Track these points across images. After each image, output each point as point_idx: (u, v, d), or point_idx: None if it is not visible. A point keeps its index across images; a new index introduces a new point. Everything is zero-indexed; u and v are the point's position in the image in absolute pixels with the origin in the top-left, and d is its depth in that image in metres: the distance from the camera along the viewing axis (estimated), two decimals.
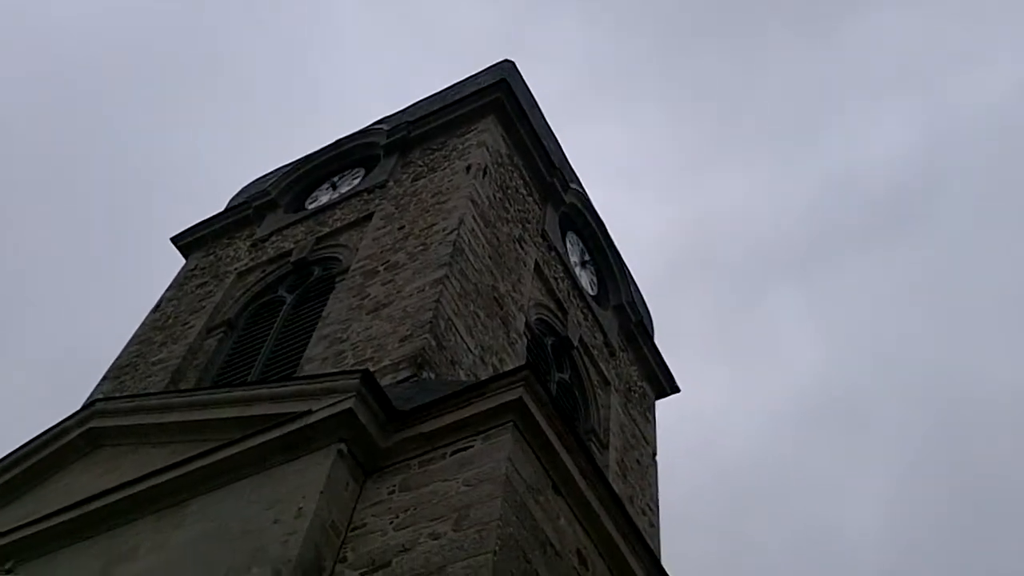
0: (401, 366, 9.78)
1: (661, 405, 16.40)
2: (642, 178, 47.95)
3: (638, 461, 14.30)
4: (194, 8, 49.41)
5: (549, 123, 17.09)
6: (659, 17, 48.04)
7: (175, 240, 16.45)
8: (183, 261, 16.17)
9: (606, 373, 14.56)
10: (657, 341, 16.78)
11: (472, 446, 7.02)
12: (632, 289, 16.70)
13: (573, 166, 17.03)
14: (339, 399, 7.43)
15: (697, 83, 47.75)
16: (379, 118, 17.04)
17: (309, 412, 7.48)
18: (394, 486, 7.09)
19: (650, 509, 13.81)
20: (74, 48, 44.12)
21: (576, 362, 13.91)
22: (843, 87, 46.30)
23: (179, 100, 47.45)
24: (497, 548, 6.05)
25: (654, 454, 15.11)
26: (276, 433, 7.51)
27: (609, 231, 16.53)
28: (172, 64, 47.63)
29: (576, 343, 13.94)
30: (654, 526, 13.61)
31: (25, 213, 40.13)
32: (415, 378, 9.48)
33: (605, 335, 15.20)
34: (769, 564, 33.22)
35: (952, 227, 40.63)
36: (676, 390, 16.70)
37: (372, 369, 9.15)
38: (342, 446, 7.22)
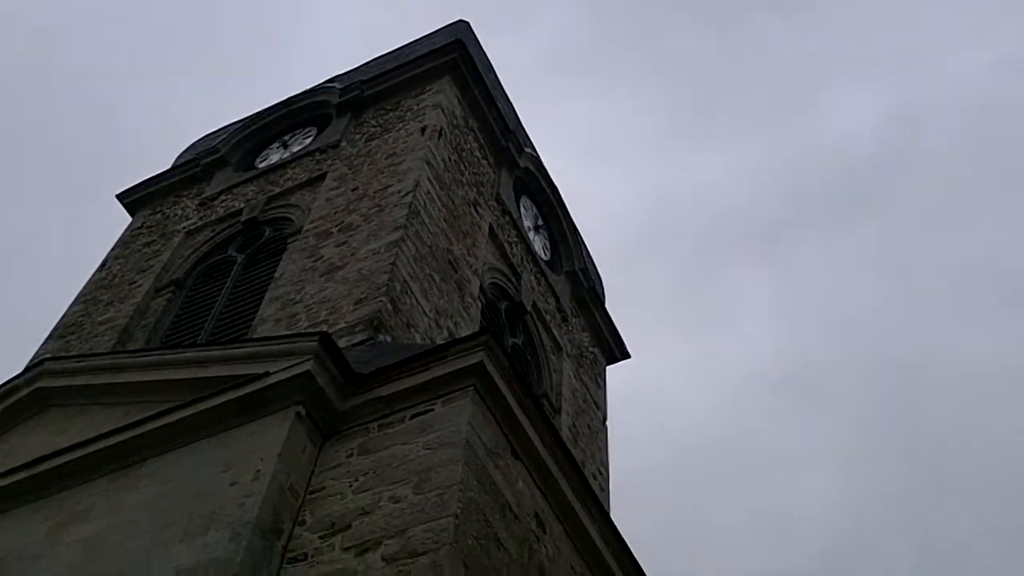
0: (357, 329, 9.70)
1: (620, 374, 16.53)
2: (611, 152, 48.22)
3: (589, 426, 14.41)
4: None
5: (504, 87, 16.99)
6: None
7: (121, 197, 16.11)
8: (129, 219, 15.84)
9: (558, 338, 14.61)
10: (619, 311, 16.96)
11: (432, 410, 7.00)
12: (584, 255, 16.75)
13: (536, 137, 16.99)
14: (297, 361, 7.35)
15: (671, 59, 48.01)
16: (331, 76, 16.80)
17: (266, 374, 7.39)
18: (353, 449, 7.05)
19: (600, 473, 13.94)
20: None
21: (529, 327, 13.93)
22: (816, 65, 46.86)
23: (135, 54, 46.53)
24: (459, 511, 6.06)
25: (604, 419, 15.24)
26: (233, 395, 7.41)
27: (563, 197, 16.54)
28: (126, 19, 46.61)
29: (529, 308, 13.96)
30: (604, 490, 13.75)
31: None
32: (371, 341, 9.41)
33: (558, 300, 15.24)
34: (725, 534, 33.91)
35: (914, 205, 41.56)
36: (627, 356, 16.83)
37: (328, 331, 9.07)
38: (300, 409, 7.15)
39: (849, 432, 37.39)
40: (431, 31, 16.81)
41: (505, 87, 16.89)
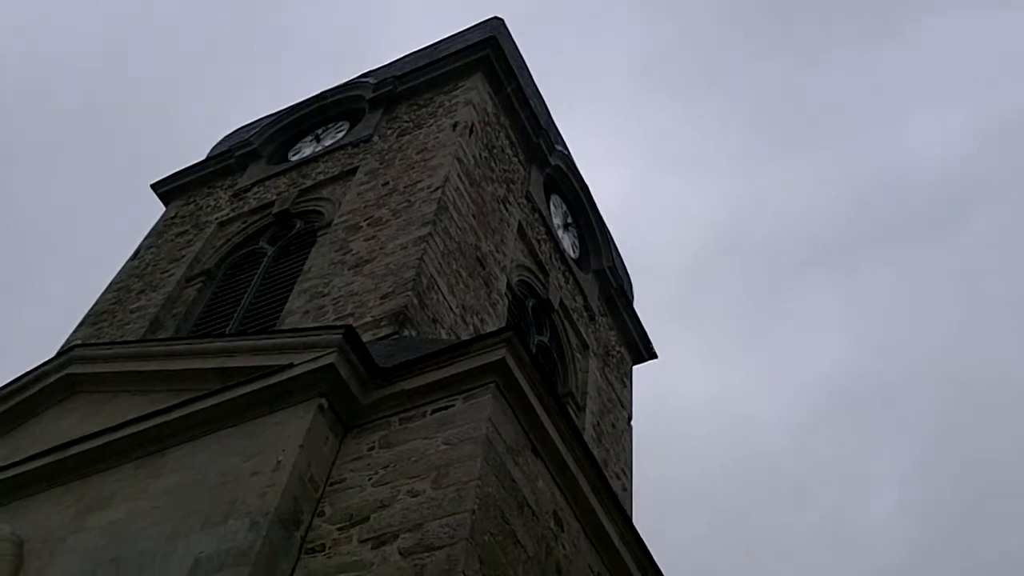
0: (382, 323, 9.75)
1: (683, 384, 16.52)
2: (688, 163, 48.37)
3: (613, 425, 14.39)
4: None
5: (537, 84, 16.98)
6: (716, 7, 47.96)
7: (155, 187, 16.30)
8: (163, 209, 16.02)
9: (585, 337, 14.60)
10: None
11: (453, 405, 7.02)
12: (614, 254, 16.72)
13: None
14: (321, 354, 7.40)
15: (750, 76, 48.06)
16: (365, 71, 16.88)
17: (291, 366, 7.44)
18: (374, 442, 7.09)
19: (624, 473, 13.92)
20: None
21: (556, 325, 13.94)
22: (898, 87, 46.52)
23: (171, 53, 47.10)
24: (476, 507, 6.08)
25: (630, 418, 15.21)
26: (257, 385, 7.47)
27: (592, 195, 16.51)
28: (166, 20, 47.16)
29: (556, 306, 13.96)
30: (627, 490, 13.73)
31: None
32: (396, 335, 9.46)
33: (585, 299, 15.23)
34: (784, 548, 34.04)
35: (984, 231, 41.36)
36: (653, 356, 16.79)
37: (354, 325, 9.13)
38: (323, 401, 7.20)
39: (909, 448, 37.59)
40: (466, 27, 16.85)
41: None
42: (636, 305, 16.80)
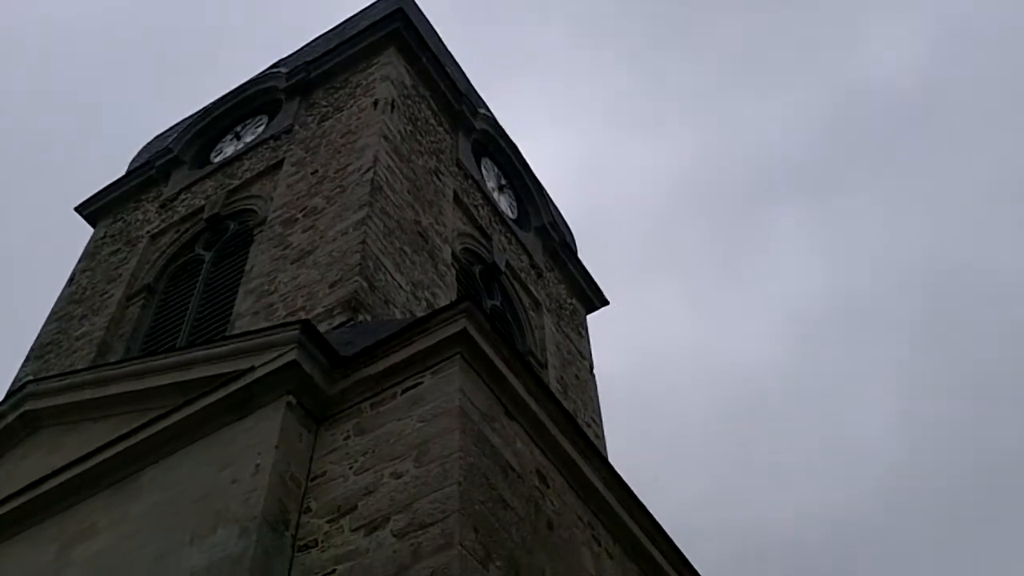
0: (335, 311, 9.70)
1: (668, 331, 16.60)
2: (648, 116, 48.27)
3: (577, 376, 14.52)
4: None
5: (450, 49, 16.86)
6: None
7: (79, 209, 15.93)
8: (91, 231, 15.68)
9: (536, 294, 14.66)
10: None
11: (422, 382, 7.02)
12: (552, 209, 16.76)
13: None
14: (281, 352, 7.34)
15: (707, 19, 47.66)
16: (275, 61, 16.60)
17: (251, 369, 7.38)
18: (348, 431, 7.07)
19: (594, 422, 14.07)
20: None
21: (505, 287, 13.97)
22: (848, 5, 46.66)
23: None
24: (462, 479, 6.11)
25: (591, 368, 15.35)
26: (221, 394, 7.40)
27: (522, 152, 16.50)
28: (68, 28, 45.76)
29: (503, 268, 13.98)
30: (600, 437, 13.89)
31: None
32: (351, 322, 9.42)
33: (531, 257, 15.27)
34: (792, 467, 34.72)
35: (951, 132, 42.07)
36: (605, 303, 16.92)
37: (306, 317, 9.08)
38: (290, 398, 7.16)
39: (900, 352, 38.32)
40: (368, 3, 16.63)
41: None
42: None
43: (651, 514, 8.39)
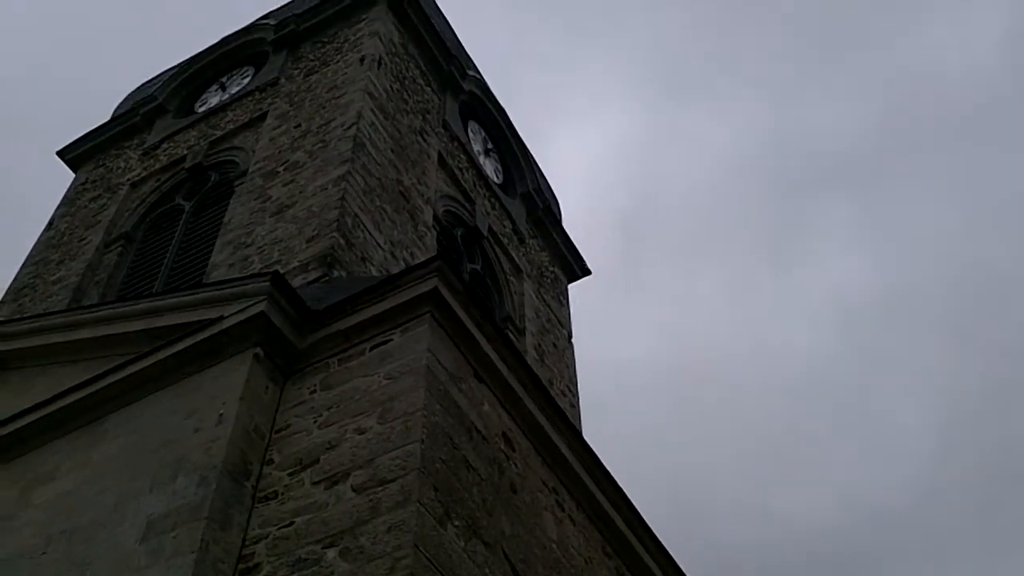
0: (311, 266, 9.64)
1: (713, 310, 16.50)
2: (704, 90, 47.89)
3: (555, 344, 14.51)
4: None
5: (442, 10, 16.69)
6: None
7: (61, 154, 15.79)
8: (72, 176, 15.54)
9: (517, 260, 14.61)
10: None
11: (391, 340, 6.99)
12: (538, 175, 16.67)
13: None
14: (250, 303, 7.29)
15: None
16: (264, 13, 16.41)
17: (221, 319, 7.33)
18: (315, 385, 7.04)
19: (569, 391, 14.08)
20: None
21: (487, 251, 13.91)
22: None
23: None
24: (424, 437, 6.09)
25: (570, 337, 15.34)
26: (189, 342, 7.35)
27: (511, 118, 16.38)
28: None
29: (485, 232, 13.92)
30: (575, 407, 13.90)
31: None
32: (326, 278, 9.36)
33: (514, 223, 15.20)
34: (830, 455, 35.21)
35: (1007, 133, 41.81)
36: (587, 272, 16.90)
37: (281, 271, 9.01)
38: (258, 350, 7.11)
39: (941, 344, 38.50)
40: None
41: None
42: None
43: (617, 482, 8.40)
